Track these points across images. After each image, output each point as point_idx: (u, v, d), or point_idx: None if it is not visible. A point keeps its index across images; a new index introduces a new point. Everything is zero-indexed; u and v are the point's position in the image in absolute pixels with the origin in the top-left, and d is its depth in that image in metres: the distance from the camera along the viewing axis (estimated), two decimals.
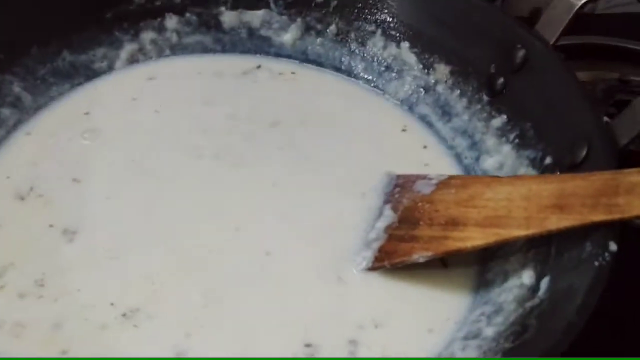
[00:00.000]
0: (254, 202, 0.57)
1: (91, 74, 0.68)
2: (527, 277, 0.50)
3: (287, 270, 0.52)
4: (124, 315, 0.48)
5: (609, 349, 0.51)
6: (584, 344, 0.39)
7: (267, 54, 0.72)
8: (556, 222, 0.47)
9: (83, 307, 0.49)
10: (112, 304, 0.49)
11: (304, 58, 0.72)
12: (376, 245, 0.54)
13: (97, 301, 0.49)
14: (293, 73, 0.70)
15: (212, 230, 0.54)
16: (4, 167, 0.58)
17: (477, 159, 0.62)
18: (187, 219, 0.55)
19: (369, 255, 0.54)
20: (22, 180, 0.57)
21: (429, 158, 0.63)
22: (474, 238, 0.50)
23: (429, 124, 0.66)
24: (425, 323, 0.50)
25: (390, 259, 0.53)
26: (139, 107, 0.65)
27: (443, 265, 0.54)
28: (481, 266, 0.54)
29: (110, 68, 0.69)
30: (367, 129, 0.65)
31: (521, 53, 0.61)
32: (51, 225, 0.54)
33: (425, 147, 0.64)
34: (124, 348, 0.47)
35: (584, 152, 0.51)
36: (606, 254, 0.43)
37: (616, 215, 0.44)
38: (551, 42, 0.61)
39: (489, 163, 0.61)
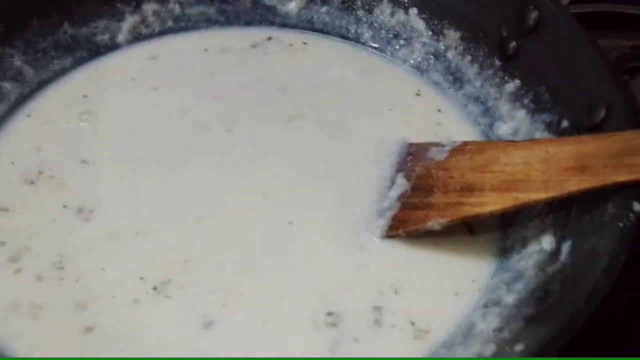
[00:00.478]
0: (271, 172, 0.56)
1: (94, 48, 0.66)
2: (546, 242, 0.48)
3: (307, 240, 0.51)
4: (154, 288, 0.48)
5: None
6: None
7: (272, 24, 0.71)
8: (577, 183, 0.45)
9: (110, 284, 0.48)
10: (141, 279, 0.48)
11: (310, 27, 0.70)
12: (389, 214, 0.53)
13: (125, 277, 0.48)
14: (305, 44, 0.69)
15: (234, 199, 0.54)
16: (7, 153, 0.57)
17: (491, 125, 0.61)
18: (207, 189, 0.54)
19: (382, 224, 0.53)
20: (29, 164, 0.56)
21: (443, 122, 0.62)
22: (492, 203, 0.49)
23: (442, 90, 0.65)
24: (450, 286, 0.49)
25: (405, 227, 0.52)
26: (137, 86, 0.63)
27: (469, 232, 0.53)
28: (501, 232, 0.53)
29: (112, 41, 0.67)
30: (381, 96, 0.64)
31: (534, 14, 0.59)
32: (65, 206, 0.53)
33: (439, 110, 0.63)
34: (158, 319, 0.46)
35: (603, 114, 0.50)
36: (630, 215, 0.42)
37: (639, 175, 0.43)
38: (566, 2, 0.59)
39: (503, 129, 0.60)
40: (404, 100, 0.64)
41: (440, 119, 0.62)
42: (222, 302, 0.47)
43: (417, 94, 0.64)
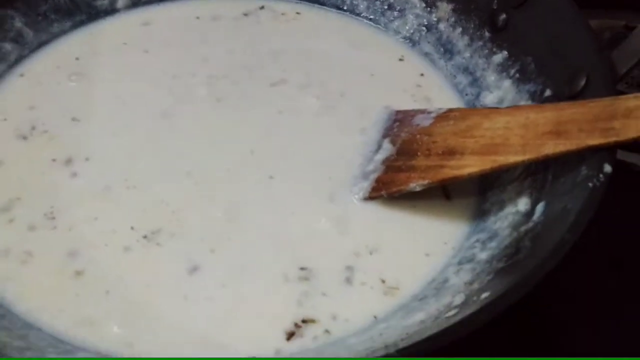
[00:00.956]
0: (257, 132, 0.57)
1: (93, 12, 0.68)
2: (522, 204, 0.50)
3: (287, 195, 0.53)
4: (145, 237, 0.50)
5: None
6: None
7: None
8: (553, 147, 0.47)
9: (102, 233, 0.50)
10: (132, 228, 0.50)
11: None
12: (374, 177, 0.54)
13: (116, 227, 0.50)
14: (298, 13, 0.70)
15: (221, 156, 0.55)
16: (0, 110, 0.59)
17: (478, 95, 0.62)
18: (195, 146, 0.56)
19: (366, 185, 0.54)
20: (21, 121, 0.58)
21: (429, 91, 0.63)
22: (471, 165, 0.50)
23: (432, 61, 0.66)
24: (422, 248, 0.50)
25: (387, 189, 0.53)
26: (129, 50, 0.65)
27: (446, 198, 0.54)
28: (480, 196, 0.54)
29: (112, 6, 0.69)
30: (369, 65, 0.65)
31: None
32: (54, 160, 0.55)
33: (422, 75, 0.65)
34: (147, 265, 0.48)
35: (583, 82, 0.51)
36: (600, 176, 0.43)
37: (612, 139, 0.44)
38: None
39: (489, 99, 0.61)
40: (390, 67, 0.65)
41: (426, 87, 0.64)
42: (209, 249, 0.49)
43: (400, 60, 0.66)
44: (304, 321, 0.45)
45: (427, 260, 0.50)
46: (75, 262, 0.48)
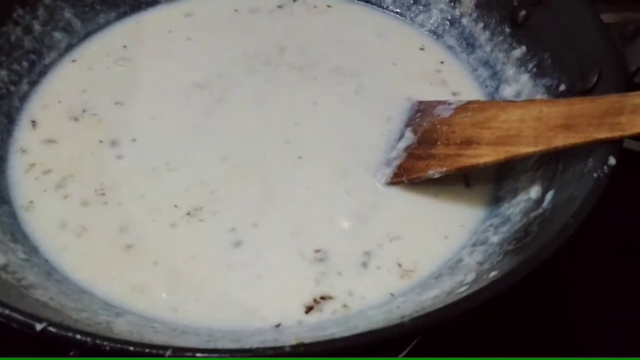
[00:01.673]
0: (291, 118, 0.62)
1: (136, 4, 0.73)
2: (534, 192, 0.53)
3: (317, 179, 0.57)
4: (189, 214, 0.54)
5: None
6: None
7: None
8: (563, 139, 0.50)
9: (149, 210, 0.55)
10: (176, 206, 0.55)
11: None
12: (396, 163, 0.58)
13: (161, 205, 0.55)
14: (329, 6, 0.74)
15: (257, 141, 0.60)
16: (55, 93, 0.65)
17: (497, 87, 0.66)
18: (232, 131, 0.61)
19: (388, 171, 0.58)
20: (74, 104, 0.63)
21: (453, 84, 0.67)
22: (486, 155, 0.54)
23: (454, 54, 0.70)
24: (441, 231, 0.54)
25: (408, 175, 0.57)
26: (173, 37, 0.70)
27: (466, 185, 0.58)
28: (496, 184, 0.58)
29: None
30: (394, 55, 0.69)
31: None
32: (101, 141, 0.60)
33: (442, 62, 0.69)
34: (195, 239, 0.53)
35: (595, 78, 0.54)
36: (605, 167, 0.46)
37: (617, 133, 0.48)
38: None
39: (507, 91, 0.65)
40: (412, 57, 0.69)
41: (448, 78, 0.67)
42: (251, 223, 0.54)
43: (422, 49, 0.70)
44: (322, 298, 0.50)
45: (445, 243, 0.54)
46: (125, 235, 0.53)
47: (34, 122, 0.62)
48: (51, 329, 0.39)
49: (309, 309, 0.49)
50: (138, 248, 0.52)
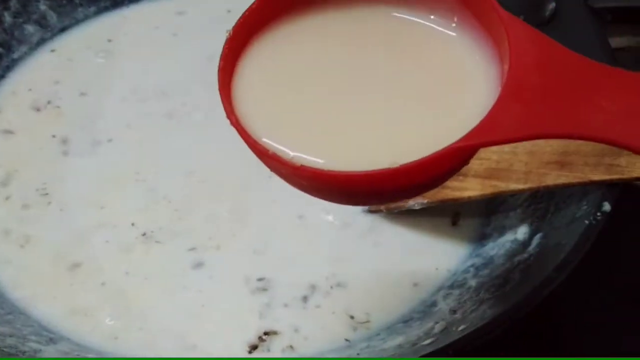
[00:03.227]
0: None
1: (117, 0, 0.69)
2: (521, 232, 0.49)
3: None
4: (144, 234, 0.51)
5: None
6: None
7: None
8: (555, 178, 0.46)
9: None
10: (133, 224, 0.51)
11: None
12: None
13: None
14: None
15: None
16: (27, 81, 0.61)
17: None
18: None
19: None
20: (43, 94, 0.60)
21: None
22: (472, 189, 0.49)
23: None
24: (411, 276, 0.49)
25: (387, 204, 0.53)
26: (160, 33, 0.66)
27: (452, 224, 0.54)
28: (484, 219, 0.53)
29: None
30: None
31: (551, 6, 0.59)
32: (54, 136, 0.57)
33: None
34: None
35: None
36: (598, 214, 0.42)
37: (615, 176, 0.43)
38: None
39: None
40: None
41: None
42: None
43: None
44: (266, 333, 0.46)
45: (416, 290, 0.49)
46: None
47: None
48: None
49: (253, 348, 0.45)
50: (85, 268, 0.49)
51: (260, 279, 0.48)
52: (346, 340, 0.45)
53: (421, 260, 0.50)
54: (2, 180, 0.53)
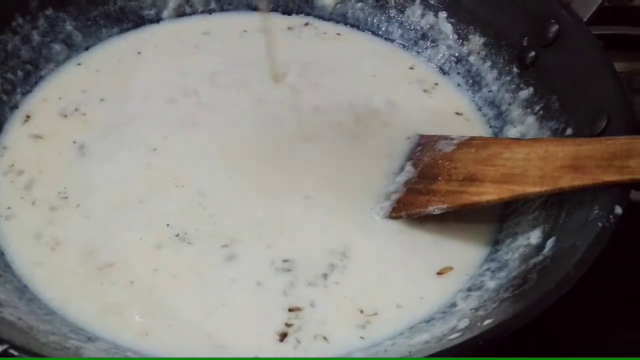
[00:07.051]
0: (285, 132, 0.62)
1: (139, 21, 0.72)
2: (534, 237, 0.51)
3: (316, 211, 0.56)
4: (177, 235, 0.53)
5: None
6: None
7: (308, 15, 0.74)
8: (569, 180, 0.48)
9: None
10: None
11: (344, 21, 0.74)
12: (395, 197, 0.56)
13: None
14: (338, 34, 0.73)
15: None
16: (57, 89, 0.64)
17: (502, 128, 0.64)
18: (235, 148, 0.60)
19: (387, 205, 0.56)
20: (71, 102, 0.62)
21: (460, 122, 0.65)
22: (489, 193, 0.51)
23: (461, 92, 0.68)
24: (434, 268, 0.52)
25: (407, 210, 0.55)
26: (185, 48, 0.70)
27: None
28: (497, 225, 0.56)
29: (157, 17, 0.72)
30: (398, 90, 0.67)
31: (554, 28, 0.61)
32: (74, 142, 0.59)
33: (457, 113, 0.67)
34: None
35: (604, 124, 0.52)
36: (610, 217, 0.44)
37: (626, 176, 0.46)
38: (585, 19, 0.62)
39: (512, 132, 0.63)
40: (418, 95, 0.67)
41: (455, 116, 0.66)
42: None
43: (428, 90, 0.69)
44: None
45: (436, 283, 0.51)
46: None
47: (28, 117, 0.61)
48: (13, 351, 0.36)
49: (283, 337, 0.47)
50: (116, 265, 0.50)
51: (285, 267, 0.51)
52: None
53: (438, 263, 0.53)
54: (25, 185, 0.55)
